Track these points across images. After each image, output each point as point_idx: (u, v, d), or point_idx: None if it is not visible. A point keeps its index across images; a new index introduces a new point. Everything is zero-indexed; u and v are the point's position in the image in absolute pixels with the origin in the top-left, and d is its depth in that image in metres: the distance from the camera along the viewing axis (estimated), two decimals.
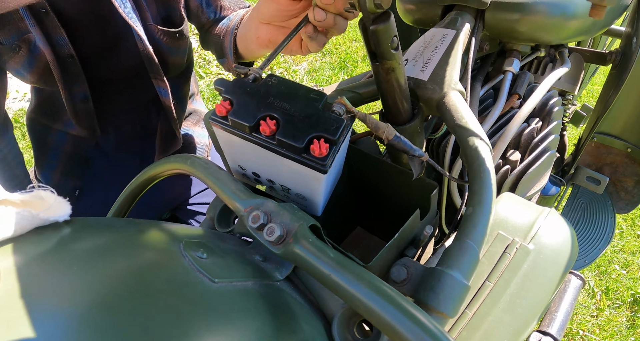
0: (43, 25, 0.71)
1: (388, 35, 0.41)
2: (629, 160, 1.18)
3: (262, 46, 0.68)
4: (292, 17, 0.60)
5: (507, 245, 0.45)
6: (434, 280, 0.35)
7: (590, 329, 1.49)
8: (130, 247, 0.27)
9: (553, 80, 0.62)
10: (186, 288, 0.25)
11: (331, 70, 2.51)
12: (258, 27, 0.66)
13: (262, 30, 0.65)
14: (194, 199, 1.15)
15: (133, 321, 0.21)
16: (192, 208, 1.14)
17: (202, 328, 0.23)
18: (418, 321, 0.29)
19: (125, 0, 0.75)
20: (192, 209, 1.14)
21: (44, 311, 0.19)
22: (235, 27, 0.81)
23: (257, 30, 0.67)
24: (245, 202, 0.38)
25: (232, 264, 0.32)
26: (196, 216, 1.13)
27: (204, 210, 1.14)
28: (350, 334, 0.37)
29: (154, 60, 0.83)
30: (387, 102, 0.49)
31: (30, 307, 0.19)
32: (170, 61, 0.90)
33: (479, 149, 0.43)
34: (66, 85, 0.80)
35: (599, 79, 2.59)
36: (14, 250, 0.23)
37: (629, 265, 1.68)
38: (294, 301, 0.35)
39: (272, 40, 0.65)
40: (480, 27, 0.61)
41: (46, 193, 0.28)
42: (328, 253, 0.32)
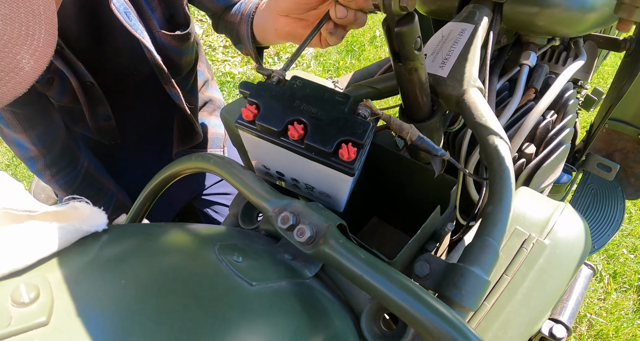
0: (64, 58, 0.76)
1: (412, 37, 0.41)
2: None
3: (281, 38, 0.69)
4: (310, 9, 0.60)
5: (524, 240, 0.47)
6: (456, 276, 0.37)
7: (597, 312, 1.52)
8: (169, 255, 0.29)
9: (569, 75, 0.63)
10: (228, 294, 0.27)
11: (338, 54, 2.50)
12: (276, 19, 0.66)
13: (280, 23, 0.65)
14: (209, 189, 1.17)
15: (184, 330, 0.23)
16: (207, 198, 1.16)
17: (248, 332, 0.25)
18: (445, 317, 0.31)
19: (129, 13, 0.75)
20: (207, 199, 1.16)
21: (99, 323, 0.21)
22: (251, 14, 0.81)
23: (275, 22, 0.67)
24: (272, 202, 0.40)
25: (266, 265, 0.34)
26: (212, 206, 1.15)
27: (219, 199, 1.16)
28: (377, 327, 0.39)
29: (163, 70, 0.84)
30: (408, 99, 0.50)
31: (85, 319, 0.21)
32: (182, 61, 0.92)
33: (499, 148, 0.44)
34: (90, 108, 0.86)
35: (609, 59, 2.56)
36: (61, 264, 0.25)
37: (637, 249, 1.70)
38: (324, 297, 0.37)
39: (290, 32, 0.65)
40: (498, 20, 0.61)
41: (81, 204, 0.29)
42: (359, 255, 0.33)
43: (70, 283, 0.22)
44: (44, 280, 0.21)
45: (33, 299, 0.19)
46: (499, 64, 0.69)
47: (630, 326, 1.47)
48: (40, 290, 0.20)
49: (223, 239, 0.35)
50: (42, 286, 0.20)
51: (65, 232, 0.25)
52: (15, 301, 0.19)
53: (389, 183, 0.66)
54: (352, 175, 0.38)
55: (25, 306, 0.19)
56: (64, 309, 0.20)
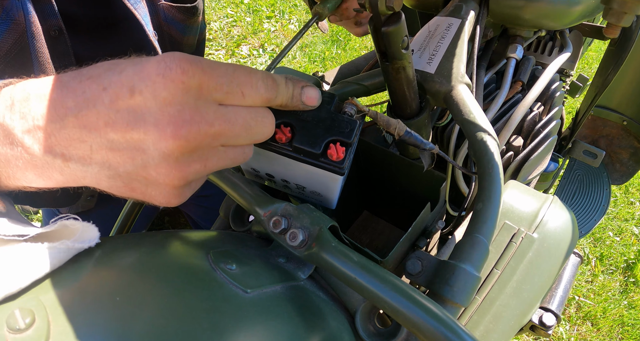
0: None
1: (399, 36, 0.41)
2: (625, 133, 1.20)
3: None
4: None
5: (513, 234, 0.47)
6: (448, 273, 0.38)
7: (585, 294, 1.55)
8: (163, 267, 0.29)
9: (556, 68, 0.63)
10: (223, 303, 0.27)
11: (324, 45, 2.48)
12: None
13: None
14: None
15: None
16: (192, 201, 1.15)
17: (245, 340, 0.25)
18: (436, 316, 0.31)
19: None
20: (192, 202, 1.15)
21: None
22: None
23: None
24: (264, 206, 0.40)
25: (260, 271, 0.34)
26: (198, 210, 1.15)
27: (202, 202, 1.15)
28: (371, 325, 0.39)
29: (157, 52, 0.79)
30: (396, 97, 0.50)
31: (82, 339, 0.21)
32: (184, 42, 0.86)
33: (487, 144, 0.45)
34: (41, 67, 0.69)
35: (593, 45, 2.58)
36: (55, 285, 0.24)
37: (623, 231, 1.74)
38: (319, 298, 0.37)
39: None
40: (485, 14, 0.61)
41: (70, 222, 0.29)
42: (351, 257, 0.34)
43: (66, 304, 0.22)
44: (38, 303, 0.21)
45: (29, 324, 0.19)
46: (486, 57, 0.69)
47: (617, 307, 1.51)
48: (35, 315, 0.20)
49: (215, 246, 0.35)
50: (37, 311, 0.20)
51: (58, 251, 0.25)
52: (11, 328, 0.19)
53: (379, 179, 0.67)
54: (342, 175, 0.38)
55: (21, 333, 0.19)
56: (61, 332, 0.20)
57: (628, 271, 1.62)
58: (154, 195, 0.30)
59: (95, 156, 0.28)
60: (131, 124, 0.28)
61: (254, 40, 2.48)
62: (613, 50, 0.91)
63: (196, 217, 1.20)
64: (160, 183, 0.29)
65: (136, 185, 0.30)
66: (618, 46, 0.84)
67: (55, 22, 0.67)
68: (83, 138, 0.28)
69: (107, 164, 0.29)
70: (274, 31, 2.54)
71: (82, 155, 0.28)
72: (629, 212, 1.80)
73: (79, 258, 0.27)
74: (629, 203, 1.84)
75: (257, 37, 2.50)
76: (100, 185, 0.30)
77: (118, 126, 0.28)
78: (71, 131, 0.28)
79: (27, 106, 0.28)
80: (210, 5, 2.61)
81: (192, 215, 1.21)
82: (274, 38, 2.51)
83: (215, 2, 2.64)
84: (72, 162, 0.29)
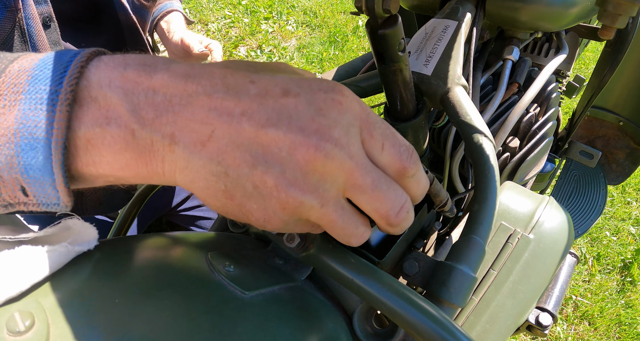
0: None
1: (396, 39, 0.41)
2: (621, 133, 1.21)
3: None
4: None
5: (509, 235, 0.48)
6: (444, 275, 0.38)
7: (582, 294, 1.56)
8: (162, 270, 0.29)
9: (552, 69, 0.64)
10: (222, 305, 0.28)
11: (321, 46, 2.48)
12: None
13: None
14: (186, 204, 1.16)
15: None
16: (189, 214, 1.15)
17: None
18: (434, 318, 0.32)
19: None
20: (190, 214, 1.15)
21: None
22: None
23: None
24: None
25: (258, 272, 0.34)
26: (197, 221, 1.15)
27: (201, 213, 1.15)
28: (369, 325, 0.39)
29: (138, 32, 0.78)
30: (392, 99, 0.50)
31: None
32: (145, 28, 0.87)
33: (484, 146, 0.45)
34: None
35: (589, 45, 2.59)
36: (54, 288, 0.24)
37: (620, 231, 1.74)
38: (316, 299, 0.38)
39: None
40: (481, 16, 0.61)
41: (73, 221, 0.29)
42: (348, 259, 0.34)
43: (65, 307, 0.22)
44: (38, 306, 0.21)
45: (28, 327, 0.19)
46: (482, 59, 0.70)
47: (614, 306, 1.52)
48: (35, 317, 0.20)
49: (213, 247, 0.36)
50: (36, 313, 0.20)
51: (57, 254, 0.25)
52: (11, 331, 0.19)
53: None
54: None
55: (21, 335, 0.19)
56: (60, 335, 0.20)
57: (625, 270, 1.63)
58: (252, 210, 0.26)
59: (210, 145, 0.25)
60: (272, 121, 0.25)
61: (252, 41, 2.49)
62: (609, 52, 0.92)
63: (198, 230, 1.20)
64: (271, 196, 0.25)
65: (238, 193, 0.26)
66: (614, 47, 0.85)
67: (45, 9, 0.66)
68: (208, 120, 0.25)
69: (219, 158, 0.25)
70: (271, 32, 2.54)
71: (196, 140, 0.25)
72: (625, 212, 1.81)
73: (78, 261, 0.27)
74: (626, 203, 1.85)
75: (255, 38, 2.50)
76: (195, 184, 0.26)
77: (256, 118, 0.25)
78: (197, 110, 0.25)
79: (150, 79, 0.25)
80: (207, 7, 2.61)
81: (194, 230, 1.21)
82: (272, 39, 2.51)
83: (212, 3, 2.64)
84: (180, 147, 0.25)
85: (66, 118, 0.24)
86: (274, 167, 0.25)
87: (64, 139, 0.24)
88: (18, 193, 0.25)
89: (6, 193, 0.25)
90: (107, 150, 0.25)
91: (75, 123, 0.25)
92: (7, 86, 0.25)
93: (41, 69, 0.25)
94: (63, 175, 0.24)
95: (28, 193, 0.25)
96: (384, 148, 0.28)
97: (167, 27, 0.99)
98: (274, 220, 0.27)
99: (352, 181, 0.27)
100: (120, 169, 0.26)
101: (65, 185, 0.25)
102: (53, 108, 0.24)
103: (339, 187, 0.27)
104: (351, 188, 0.27)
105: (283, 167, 0.25)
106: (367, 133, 0.27)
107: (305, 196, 0.25)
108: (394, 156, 0.28)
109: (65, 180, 0.25)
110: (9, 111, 0.24)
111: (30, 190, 0.25)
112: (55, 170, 0.24)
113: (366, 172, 0.27)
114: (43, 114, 0.24)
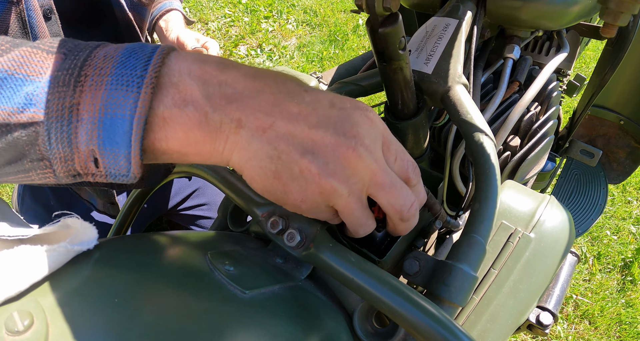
0: None
1: (396, 37, 0.41)
2: (622, 132, 1.21)
3: None
4: None
5: (510, 234, 0.48)
6: (445, 274, 0.38)
7: (582, 293, 1.56)
8: (161, 269, 0.29)
9: (553, 68, 0.63)
10: (222, 304, 0.27)
11: (321, 45, 2.48)
12: None
13: None
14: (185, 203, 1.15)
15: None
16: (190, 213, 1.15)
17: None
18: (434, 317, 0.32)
19: None
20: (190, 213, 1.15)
21: None
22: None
23: None
24: (261, 207, 0.40)
25: (258, 272, 0.34)
26: (197, 221, 1.14)
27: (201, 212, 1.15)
28: (369, 325, 0.39)
29: (134, 29, 0.79)
30: (393, 98, 0.50)
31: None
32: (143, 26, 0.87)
33: (484, 145, 0.45)
34: None
35: (590, 44, 2.59)
36: (53, 288, 0.24)
37: (620, 230, 1.74)
38: (316, 298, 0.37)
39: None
40: (482, 14, 0.61)
41: (72, 220, 0.29)
42: (349, 258, 0.34)
43: (64, 306, 0.22)
44: (37, 305, 0.21)
45: (27, 326, 0.19)
46: (483, 57, 0.70)
47: (614, 305, 1.52)
48: (34, 317, 0.20)
49: (214, 246, 0.36)
50: (35, 313, 0.20)
51: (57, 254, 0.25)
52: (10, 330, 0.19)
53: None
54: None
55: (20, 335, 0.19)
56: (59, 334, 0.20)
57: (625, 269, 1.62)
58: (294, 190, 0.31)
59: (270, 132, 0.30)
60: (321, 123, 0.31)
61: (252, 40, 2.48)
62: (610, 50, 0.91)
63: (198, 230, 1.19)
64: (313, 181, 0.31)
65: (285, 174, 0.31)
66: (615, 46, 0.85)
67: (46, 2, 0.67)
68: (271, 113, 0.30)
69: (275, 144, 0.30)
70: (271, 31, 2.54)
71: (258, 126, 0.30)
72: (626, 211, 1.80)
73: (77, 260, 0.27)
74: (627, 202, 1.85)
75: (255, 37, 2.50)
76: (249, 163, 0.31)
77: (309, 120, 0.31)
78: (262, 103, 0.30)
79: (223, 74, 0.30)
80: (208, 5, 2.61)
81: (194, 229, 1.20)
82: (272, 38, 2.51)
83: (213, 2, 2.64)
84: (244, 130, 0.30)
85: (150, 99, 0.28)
86: (319, 159, 0.31)
87: (146, 116, 0.28)
88: (90, 164, 0.29)
89: (78, 164, 0.29)
90: (181, 128, 0.29)
91: (155, 103, 0.29)
92: (93, 69, 0.29)
93: (127, 56, 0.30)
94: (139, 147, 0.28)
95: (99, 164, 0.29)
96: (396, 161, 0.34)
97: (165, 26, 0.99)
98: (309, 201, 0.32)
99: (375, 180, 0.33)
100: (188, 145, 0.30)
101: (140, 158, 0.29)
102: (138, 90, 0.28)
103: (365, 183, 0.32)
104: (374, 186, 0.33)
105: (327, 159, 0.31)
106: (386, 147, 0.34)
107: (339, 184, 0.31)
108: (403, 167, 0.35)
109: (141, 152, 0.29)
110: (95, 90, 0.28)
111: (102, 162, 0.29)
112: (133, 143, 0.28)
113: (386, 174, 0.33)
114: (128, 94, 0.28)
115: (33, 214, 1.03)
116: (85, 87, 0.28)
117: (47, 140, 0.28)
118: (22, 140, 0.28)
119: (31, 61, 0.29)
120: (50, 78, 0.29)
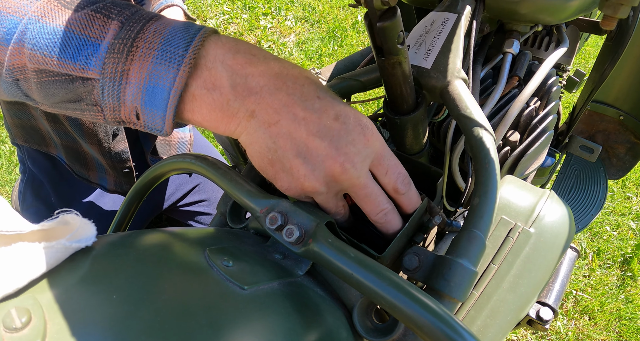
0: None
1: (395, 32, 0.41)
2: (621, 128, 1.20)
3: None
4: None
5: (510, 229, 0.47)
6: (445, 269, 0.38)
7: (582, 289, 1.56)
8: (160, 265, 0.29)
9: (553, 63, 0.63)
10: (220, 300, 0.27)
11: (320, 41, 2.47)
12: None
13: None
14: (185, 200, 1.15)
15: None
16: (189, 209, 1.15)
17: (242, 338, 0.25)
18: (434, 312, 0.31)
19: None
20: (189, 210, 1.15)
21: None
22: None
23: None
24: (260, 203, 0.40)
25: (257, 267, 0.34)
26: (196, 217, 1.14)
27: (200, 209, 1.15)
28: (369, 320, 0.39)
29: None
30: (392, 93, 0.50)
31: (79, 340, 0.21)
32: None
33: (484, 140, 0.45)
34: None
35: (590, 39, 2.58)
36: (51, 284, 0.24)
37: (620, 226, 1.74)
38: (316, 294, 0.37)
39: None
40: (481, 9, 0.61)
41: (71, 216, 0.29)
42: (348, 253, 0.34)
43: (62, 303, 0.22)
44: (35, 302, 0.21)
45: (25, 323, 0.19)
46: (482, 52, 0.69)
47: (614, 301, 1.52)
48: (32, 314, 0.20)
49: (212, 243, 0.35)
50: (33, 310, 0.20)
51: (55, 251, 0.25)
52: (7, 327, 0.19)
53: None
54: None
55: (17, 332, 0.19)
56: (58, 331, 0.20)
57: (625, 265, 1.63)
58: (282, 179, 0.37)
59: (274, 128, 0.35)
60: (320, 133, 0.35)
61: (251, 37, 2.48)
62: (610, 45, 0.91)
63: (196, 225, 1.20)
64: (298, 179, 0.36)
65: (277, 165, 0.37)
66: (614, 41, 0.84)
67: None
68: (280, 111, 0.35)
69: (275, 139, 0.35)
70: (270, 28, 2.53)
71: (266, 120, 0.35)
72: (626, 207, 1.80)
73: (75, 257, 0.26)
74: (626, 198, 1.85)
75: (254, 34, 2.49)
76: (252, 146, 0.37)
77: (311, 127, 0.35)
78: (276, 101, 0.35)
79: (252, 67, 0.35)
80: (206, 2, 2.60)
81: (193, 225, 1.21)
82: (271, 35, 2.50)
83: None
84: (254, 120, 0.35)
85: (186, 76, 0.34)
86: (309, 163, 0.35)
87: (181, 90, 0.34)
88: (132, 116, 0.36)
89: (124, 114, 0.36)
90: (206, 107, 0.35)
91: (190, 80, 0.35)
92: (144, 42, 0.35)
93: (172, 35, 0.35)
94: (173, 113, 0.35)
95: (140, 118, 0.36)
96: (386, 173, 0.40)
97: None
98: (293, 191, 0.38)
99: (353, 189, 0.38)
100: (208, 121, 0.36)
101: (172, 120, 0.35)
102: (178, 67, 0.34)
103: (343, 188, 0.38)
104: (351, 192, 0.39)
105: (315, 166, 0.35)
106: (377, 162, 0.39)
107: (320, 186, 0.37)
108: (392, 179, 0.40)
109: (174, 116, 0.35)
110: (143, 61, 0.34)
111: (142, 117, 0.36)
112: (168, 109, 0.35)
113: (364, 187, 0.38)
114: (169, 70, 0.34)
115: (34, 211, 1.03)
116: (135, 56, 0.34)
117: (101, 93, 0.35)
118: (81, 89, 0.35)
119: (93, 25, 0.35)
120: (107, 44, 0.34)
